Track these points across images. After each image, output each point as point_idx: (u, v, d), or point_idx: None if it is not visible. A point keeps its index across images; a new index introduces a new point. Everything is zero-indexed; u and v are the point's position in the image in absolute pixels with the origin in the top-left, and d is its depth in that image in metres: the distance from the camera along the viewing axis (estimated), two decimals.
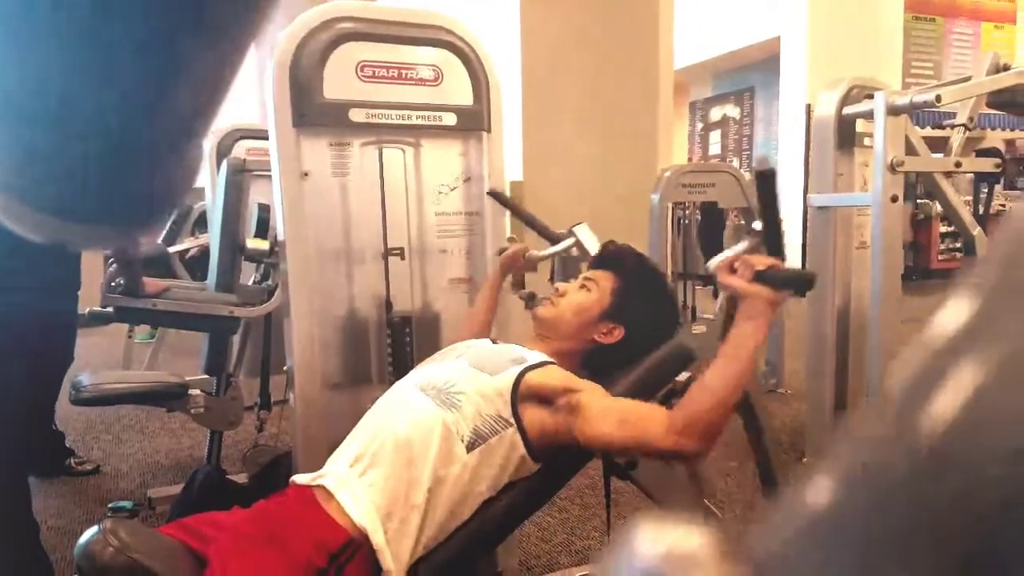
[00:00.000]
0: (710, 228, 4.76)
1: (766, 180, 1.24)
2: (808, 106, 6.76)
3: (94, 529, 1.14)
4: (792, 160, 8.17)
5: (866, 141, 2.88)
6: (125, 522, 1.17)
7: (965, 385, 0.17)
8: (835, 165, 2.89)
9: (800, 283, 1.21)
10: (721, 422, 1.16)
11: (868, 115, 2.68)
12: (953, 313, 0.18)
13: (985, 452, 0.16)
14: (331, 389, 1.84)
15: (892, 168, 2.45)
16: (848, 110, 2.83)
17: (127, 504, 2.20)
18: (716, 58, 9.84)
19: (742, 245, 1.33)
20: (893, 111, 2.43)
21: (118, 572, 1.09)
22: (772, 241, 1.28)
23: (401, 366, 1.85)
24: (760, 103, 10.30)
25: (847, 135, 2.89)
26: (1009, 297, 0.18)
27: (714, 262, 1.25)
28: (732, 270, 1.20)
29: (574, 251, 1.78)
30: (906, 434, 0.17)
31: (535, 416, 1.30)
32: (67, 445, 3.20)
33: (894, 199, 2.49)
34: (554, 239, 1.83)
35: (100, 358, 4.91)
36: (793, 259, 7.07)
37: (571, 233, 1.79)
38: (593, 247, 1.72)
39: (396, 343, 1.87)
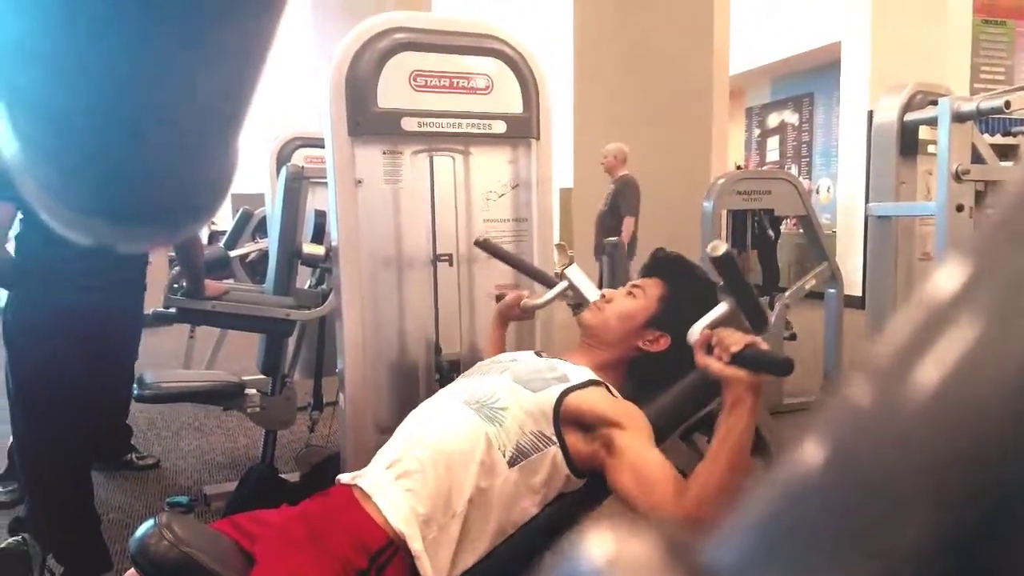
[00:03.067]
0: (763, 237, 4.68)
1: (726, 263, 1.21)
2: (870, 112, 6.57)
3: (150, 523, 1.18)
4: (853, 167, 7.95)
5: (930, 148, 2.79)
6: (179, 517, 1.21)
7: (953, 346, 0.16)
8: (897, 173, 2.81)
9: (777, 368, 1.18)
10: (726, 500, 1.15)
11: (932, 122, 2.60)
12: (943, 277, 0.18)
13: (973, 410, 0.16)
14: (380, 392, 1.87)
15: (957, 177, 2.37)
16: (911, 116, 2.75)
17: (183, 499, 2.27)
18: (774, 63, 9.65)
19: (720, 309, 1.29)
20: (958, 118, 2.36)
21: (171, 565, 1.13)
22: (751, 317, 1.26)
23: (446, 373, 1.86)
24: (819, 109, 10.06)
25: (910, 142, 2.81)
26: (997, 263, 0.17)
27: (692, 334, 1.24)
28: (710, 348, 1.19)
29: (570, 294, 1.72)
30: (894, 398, 0.17)
31: (575, 439, 1.30)
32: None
33: (960, 208, 2.41)
34: (550, 283, 1.78)
35: (162, 357, 5.08)
36: (855, 269, 6.86)
37: (563, 276, 1.71)
38: (588, 289, 1.65)
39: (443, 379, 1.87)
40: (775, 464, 0.19)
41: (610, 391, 1.38)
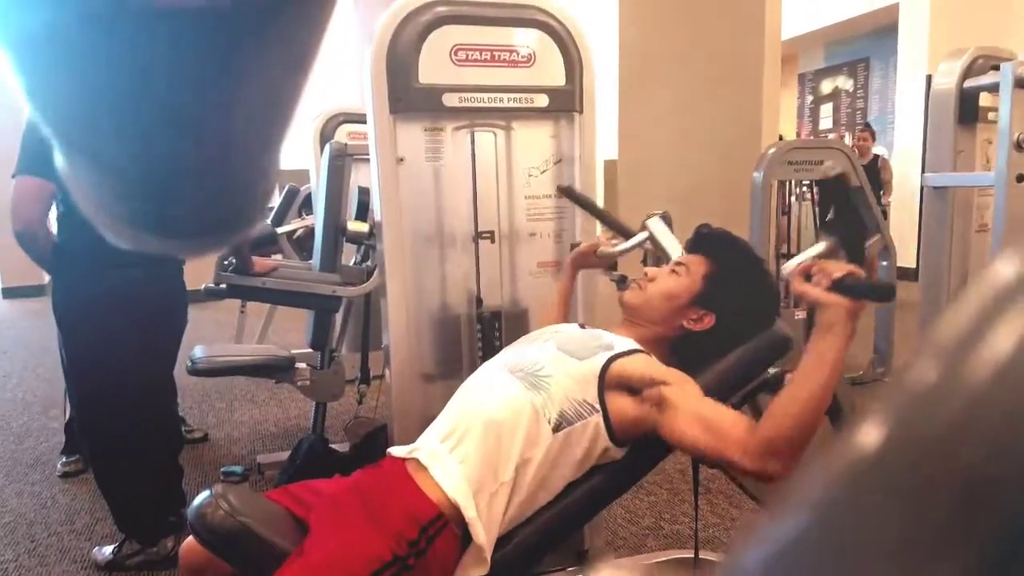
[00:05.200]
0: (829, 201, 4.56)
1: (838, 188, 1.18)
2: (928, 77, 6.32)
3: (206, 493, 1.23)
4: (910, 136, 7.68)
5: (990, 116, 2.68)
6: (235, 487, 1.26)
7: (1014, 332, 0.16)
8: (955, 142, 2.71)
9: (879, 293, 1.15)
10: (803, 441, 1.12)
11: (993, 88, 2.49)
12: (1007, 262, 0.17)
13: None
14: (423, 366, 1.90)
15: (1019, 146, 2.27)
16: (971, 82, 2.64)
17: (238, 469, 2.34)
18: (828, 27, 9.32)
19: (818, 247, 1.27)
20: (1021, 83, 2.25)
21: (227, 533, 1.18)
22: (851, 247, 1.23)
23: (490, 346, 1.88)
24: (875, 75, 9.71)
25: (969, 109, 2.70)
26: None
27: (788, 267, 1.22)
28: (808, 277, 1.16)
29: (648, 246, 1.70)
30: (953, 381, 0.17)
31: (620, 404, 1.30)
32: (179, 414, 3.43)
33: (1020, 179, 2.32)
34: (628, 234, 1.76)
35: (214, 331, 5.24)
36: (909, 240, 6.65)
37: (644, 227, 1.70)
38: (668, 241, 1.64)
39: (485, 331, 1.90)
40: (833, 446, 0.18)
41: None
